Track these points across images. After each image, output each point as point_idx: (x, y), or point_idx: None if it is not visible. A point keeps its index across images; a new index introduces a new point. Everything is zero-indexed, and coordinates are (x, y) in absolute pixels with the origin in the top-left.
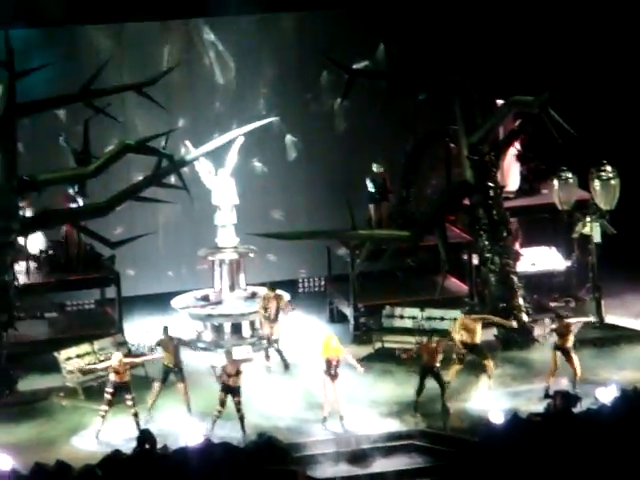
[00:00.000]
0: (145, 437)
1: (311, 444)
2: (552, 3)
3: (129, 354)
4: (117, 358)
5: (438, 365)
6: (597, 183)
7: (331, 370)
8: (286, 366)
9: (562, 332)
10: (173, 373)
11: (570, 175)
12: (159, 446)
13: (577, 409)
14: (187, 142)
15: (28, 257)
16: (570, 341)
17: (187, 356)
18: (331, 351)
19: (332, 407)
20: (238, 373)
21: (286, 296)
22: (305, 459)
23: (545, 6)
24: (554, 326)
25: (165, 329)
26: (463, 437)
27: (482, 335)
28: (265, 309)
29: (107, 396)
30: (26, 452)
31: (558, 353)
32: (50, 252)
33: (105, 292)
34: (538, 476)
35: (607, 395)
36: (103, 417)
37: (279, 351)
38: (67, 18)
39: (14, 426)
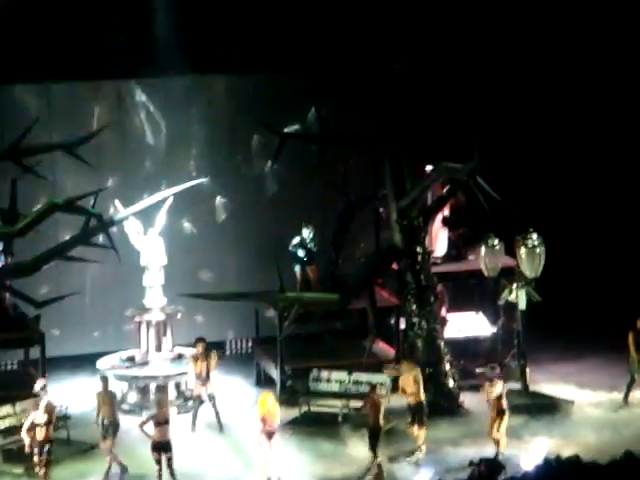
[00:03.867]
0: None
1: None
2: (475, 70)
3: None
4: (44, 403)
5: (382, 423)
6: (523, 250)
7: (266, 428)
8: (220, 426)
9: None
10: (108, 428)
11: (497, 242)
12: None
13: (501, 477)
14: (116, 201)
15: None
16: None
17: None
18: (267, 410)
19: (270, 467)
20: (167, 422)
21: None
22: None
23: (470, 74)
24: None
25: (104, 379)
26: None
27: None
28: (196, 367)
29: (39, 458)
30: None
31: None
32: None
33: (29, 352)
34: None
35: (530, 463)
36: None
37: (215, 409)
38: None
39: None
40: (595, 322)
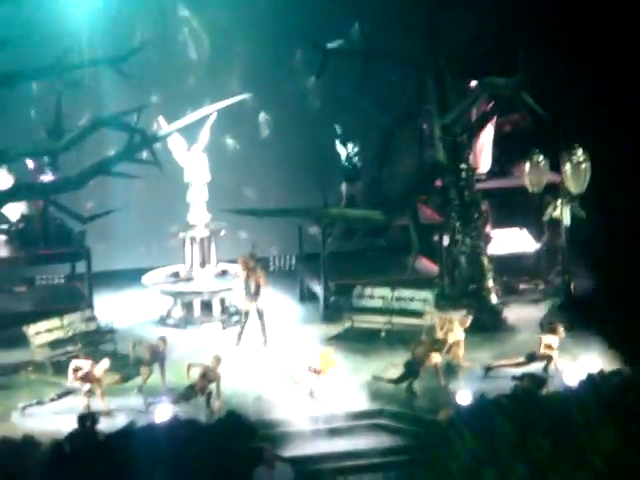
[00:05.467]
0: (85, 417)
1: (280, 422)
2: None
3: (98, 330)
4: (104, 366)
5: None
6: (568, 166)
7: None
8: (265, 340)
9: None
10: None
11: (541, 158)
12: (127, 422)
13: (544, 391)
14: (160, 118)
15: None
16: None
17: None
18: (332, 365)
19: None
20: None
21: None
22: (273, 437)
23: None
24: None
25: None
26: (430, 417)
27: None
28: (246, 283)
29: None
30: None
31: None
32: (21, 226)
33: (75, 267)
34: (504, 456)
35: (574, 378)
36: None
37: (262, 324)
38: None
39: None
40: None
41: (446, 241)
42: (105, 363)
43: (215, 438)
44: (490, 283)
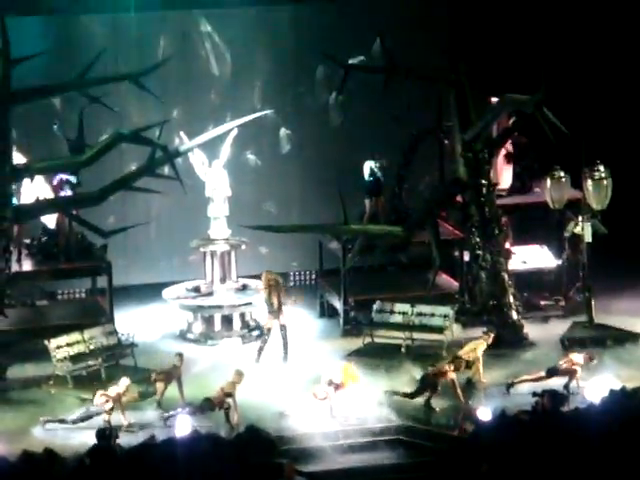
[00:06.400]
0: (104, 431)
1: (299, 437)
2: (547, 2)
3: (119, 344)
4: (125, 384)
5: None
6: (589, 183)
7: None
8: (286, 356)
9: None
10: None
11: (563, 174)
12: (147, 436)
13: (565, 408)
14: (181, 133)
15: (20, 245)
16: None
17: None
18: (353, 379)
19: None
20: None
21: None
22: (293, 452)
23: (541, 5)
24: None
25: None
26: (450, 434)
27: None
28: (269, 299)
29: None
30: (14, 440)
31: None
32: (43, 240)
33: (96, 281)
34: (525, 473)
35: (596, 395)
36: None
37: (285, 339)
38: (61, 7)
39: (2, 414)
40: None
41: (467, 257)
42: (125, 382)
43: (235, 452)
44: (511, 299)
